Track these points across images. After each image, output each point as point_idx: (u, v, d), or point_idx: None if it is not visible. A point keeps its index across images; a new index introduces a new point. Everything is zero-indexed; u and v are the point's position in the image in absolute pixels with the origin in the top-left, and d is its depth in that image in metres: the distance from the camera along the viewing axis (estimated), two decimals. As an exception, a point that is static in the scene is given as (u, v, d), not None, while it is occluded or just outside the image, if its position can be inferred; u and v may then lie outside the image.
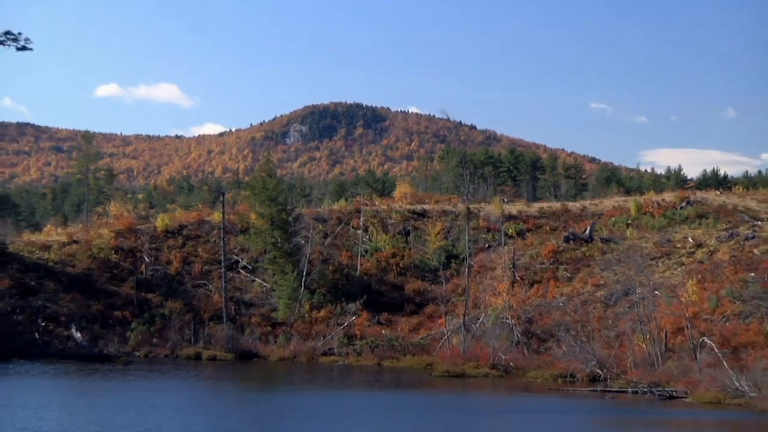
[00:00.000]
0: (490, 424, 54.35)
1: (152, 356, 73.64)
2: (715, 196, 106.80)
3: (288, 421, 52.45)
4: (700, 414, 55.24)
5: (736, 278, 73.04)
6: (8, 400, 54.75)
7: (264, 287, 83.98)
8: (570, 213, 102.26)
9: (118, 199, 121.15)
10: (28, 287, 79.13)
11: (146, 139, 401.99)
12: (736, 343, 64.09)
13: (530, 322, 75.41)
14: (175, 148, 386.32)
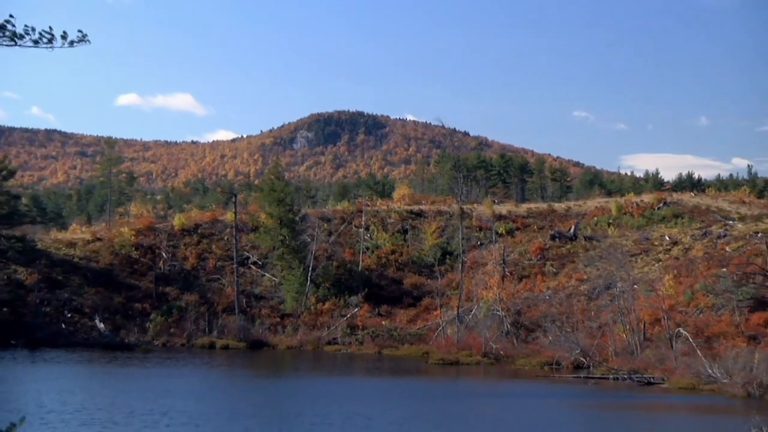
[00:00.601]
0: (482, 407, 54.42)
1: (169, 345, 73.69)
2: (689, 197, 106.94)
3: (294, 405, 52.52)
4: (676, 399, 55.33)
5: (709, 273, 73.13)
6: (36, 384, 54.81)
7: (273, 281, 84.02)
8: (556, 213, 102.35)
9: (138, 200, 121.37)
10: (55, 281, 79.20)
11: (164, 144, 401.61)
12: (709, 333, 64.20)
13: (519, 313, 75.46)
14: (190, 153, 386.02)
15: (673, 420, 50.93)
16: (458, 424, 48.27)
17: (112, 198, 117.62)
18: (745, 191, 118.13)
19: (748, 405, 51.30)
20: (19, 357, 65.52)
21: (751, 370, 56.03)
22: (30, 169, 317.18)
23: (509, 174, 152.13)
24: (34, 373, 60.75)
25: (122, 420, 44.61)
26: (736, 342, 61.66)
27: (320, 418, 47.37)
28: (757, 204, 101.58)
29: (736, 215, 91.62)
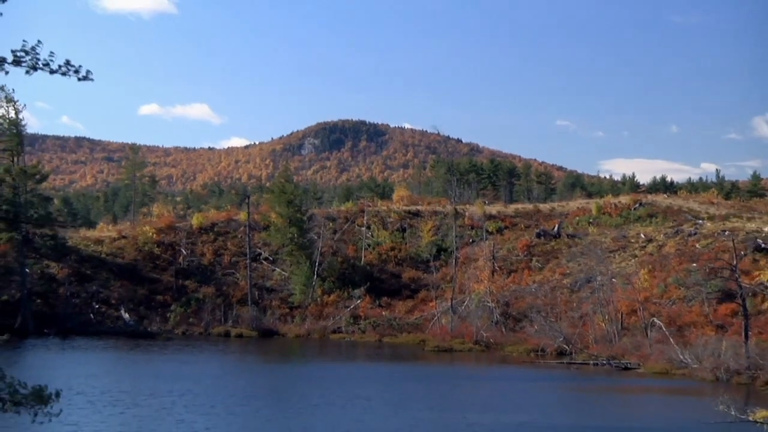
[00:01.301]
0: (473, 390, 54.45)
1: (188, 333, 73.73)
2: (663, 199, 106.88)
3: (301, 388, 52.56)
4: (651, 382, 55.41)
5: (680, 268, 73.15)
6: (65, 369, 54.85)
7: (283, 275, 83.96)
8: (541, 213, 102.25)
9: (159, 201, 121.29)
10: (84, 275, 79.26)
11: (183, 150, 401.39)
12: (681, 323, 64.28)
13: (507, 304, 75.45)
14: (207, 159, 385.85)
15: (648, 401, 50.97)
16: (451, 405, 48.28)
17: (136, 199, 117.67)
18: (713, 193, 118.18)
19: (717, 388, 51.29)
20: (50, 344, 65.61)
21: (719, 356, 56.09)
22: (61, 173, 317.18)
23: (498, 177, 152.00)
24: (65, 358, 60.83)
25: (143, 401, 44.75)
26: (706, 331, 61.76)
27: (324, 399, 47.50)
28: (724, 205, 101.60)
29: (706, 215, 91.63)
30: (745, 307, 60.24)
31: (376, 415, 43.33)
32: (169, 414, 41.44)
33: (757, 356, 55.13)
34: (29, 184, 76.39)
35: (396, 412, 44.49)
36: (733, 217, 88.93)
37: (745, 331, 58.71)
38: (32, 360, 57.90)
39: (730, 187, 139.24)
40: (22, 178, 75.09)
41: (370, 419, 41.98)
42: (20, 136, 79.41)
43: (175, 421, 39.88)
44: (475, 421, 43.30)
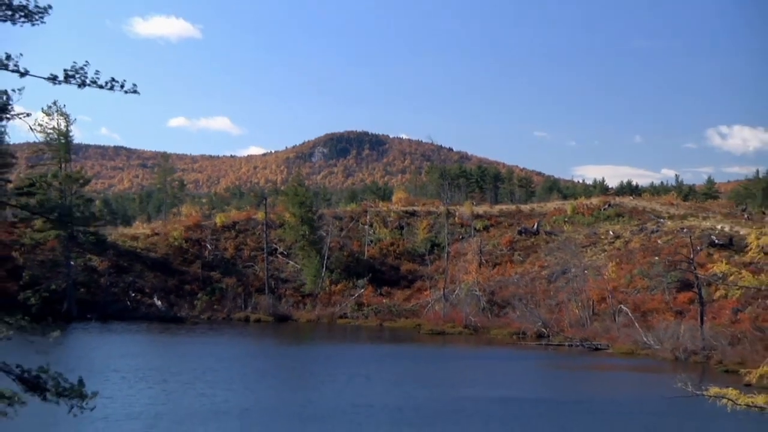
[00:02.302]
0: (462, 368, 54.51)
1: (213, 319, 73.70)
2: (629, 200, 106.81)
3: (310, 366, 52.60)
4: (618, 361, 55.49)
5: (644, 261, 73.20)
6: (103, 350, 54.94)
7: (296, 268, 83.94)
8: (522, 213, 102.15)
9: (187, 203, 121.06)
10: (122, 267, 79.29)
11: (208, 158, 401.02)
12: (645, 309, 64.32)
13: (493, 293, 75.43)
14: (229, 165, 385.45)
15: (616, 378, 51.06)
16: (442, 381, 48.33)
17: (167, 201, 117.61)
18: (673, 196, 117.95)
19: (676, 366, 51.42)
20: (92, 328, 65.75)
21: (677, 339, 56.21)
22: (102, 178, 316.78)
23: (485, 182, 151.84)
24: (104, 340, 60.94)
25: (171, 378, 44.89)
26: (666, 316, 61.82)
27: (329, 377, 47.58)
28: (682, 206, 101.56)
29: (666, 215, 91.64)
30: (700, 296, 60.32)
31: (375, 390, 43.44)
32: (192, 388, 41.64)
33: (711, 338, 55.25)
34: (74, 187, 76.60)
35: (393, 387, 44.59)
36: (690, 216, 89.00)
37: (701, 316, 58.81)
38: (76, 341, 57.99)
39: (688, 190, 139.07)
40: (67, 182, 75.34)
41: (370, 394, 42.09)
42: (68, 145, 79.93)
43: (197, 394, 40.08)
44: (463, 396, 43.37)
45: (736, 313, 60.37)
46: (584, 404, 42.85)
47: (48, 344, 15.90)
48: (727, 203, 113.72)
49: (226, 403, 38.18)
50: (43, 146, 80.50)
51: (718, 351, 53.76)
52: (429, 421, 36.09)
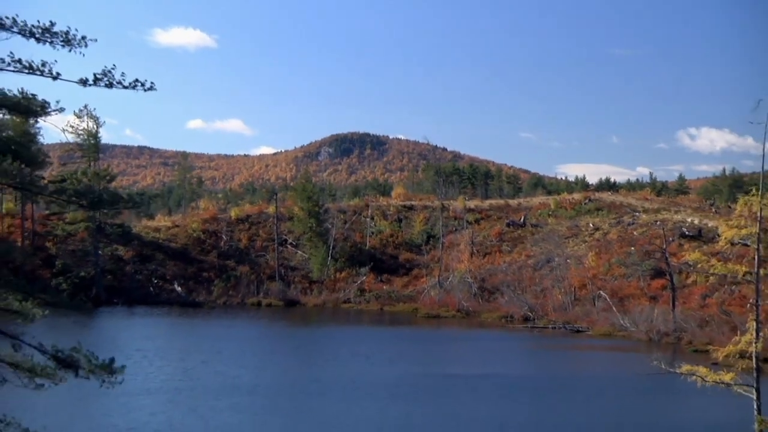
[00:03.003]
0: (455, 348, 54.61)
1: (228, 303, 73.69)
2: (607, 196, 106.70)
3: (315, 346, 52.65)
4: (597, 342, 55.52)
5: (621, 251, 73.18)
6: (128, 332, 55.03)
7: (304, 257, 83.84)
8: (510, 207, 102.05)
9: (205, 198, 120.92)
10: (145, 256, 79.28)
11: (223, 157, 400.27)
12: (622, 295, 64.33)
13: (483, 280, 75.38)
14: (243, 163, 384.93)
15: (595, 357, 51.13)
16: (436, 360, 48.43)
17: (186, 196, 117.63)
18: (647, 191, 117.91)
19: (650, 346, 51.52)
20: (118, 311, 65.88)
21: (651, 321, 56.29)
22: (127, 175, 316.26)
23: (476, 178, 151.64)
24: (129, 322, 61.06)
25: (188, 356, 45.03)
26: (641, 301, 61.88)
27: (332, 355, 47.71)
28: (656, 201, 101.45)
29: (641, 209, 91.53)
30: (672, 282, 60.39)
31: (374, 368, 43.50)
32: (208, 366, 41.78)
33: (682, 321, 55.34)
34: (102, 183, 76.42)
35: (391, 365, 44.66)
36: (663, 210, 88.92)
37: (673, 301, 58.90)
38: (103, 324, 58.11)
39: (661, 186, 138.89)
40: (96, 179, 75.22)
41: (369, 371, 42.17)
42: (96, 145, 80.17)
43: (212, 371, 40.21)
44: (455, 373, 43.45)
45: (704, 298, 60.48)
46: (566, 381, 42.89)
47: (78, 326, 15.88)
48: (696, 198, 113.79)
49: (238, 379, 38.28)
50: (74, 146, 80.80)
51: (688, 333, 53.88)
52: (423, 396, 36.24)
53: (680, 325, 55.07)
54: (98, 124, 79.24)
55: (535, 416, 33.68)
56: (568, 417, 33.50)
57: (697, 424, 28.57)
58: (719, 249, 45.12)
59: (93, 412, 30.24)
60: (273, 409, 33.00)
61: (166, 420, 29.81)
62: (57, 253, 74.65)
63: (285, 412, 32.63)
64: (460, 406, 34.48)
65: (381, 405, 34.06)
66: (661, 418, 33.11)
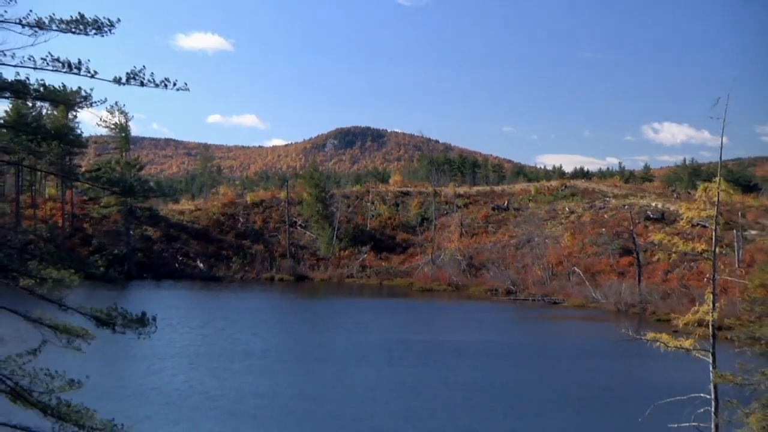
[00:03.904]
0: (445, 317, 54.72)
1: (244, 278, 73.75)
2: (581, 183, 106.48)
3: (321, 316, 52.82)
4: (572, 312, 55.67)
5: (594, 232, 73.22)
6: (156, 302, 55.11)
7: (312, 237, 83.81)
8: (495, 193, 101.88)
9: (224, 184, 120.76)
10: (171, 236, 79.27)
11: (240, 148, 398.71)
12: (594, 271, 64.48)
13: (471, 258, 75.44)
14: (257, 154, 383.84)
15: (570, 325, 51.27)
16: (428, 328, 48.54)
17: (207, 183, 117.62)
18: (616, 179, 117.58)
19: (618, 316, 51.62)
20: (147, 285, 65.92)
21: (619, 294, 56.48)
22: (154, 164, 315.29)
23: (465, 167, 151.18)
24: (156, 295, 61.11)
25: (207, 325, 45.26)
26: (611, 276, 62.03)
27: (337, 324, 47.85)
28: (624, 187, 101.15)
29: (611, 194, 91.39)
30: (638, 260, 60.51)
31: (373, 335, 43.65)
32: (224, 333, 42.03)
33: (646, 294, 55.58)
34: (132, 171, 76.47)
35: (388, 333, 44.80)
36: (631, 195, 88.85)
37: (639, 276, 59.05)
38: (134, 296, 58.20)
39: (628, 174, 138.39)
40: (126, 168, 75.21)
41: (368, 338, 42.32)
42: (127, 137, 79.96)
43: (228, 338, 40.44)
44: (444, 339, 43.59)
45: (666, 274, 60.72)
46: (544, 346, 43.05)
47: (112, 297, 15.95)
48: (660, 185, 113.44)
49: (251, 345, 38.49)
50: (107, 138, 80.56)
51: (652, 304, 54.11)
52: (415, 360, 36.44)
53: (645, 298, 55.27)
54: (127, 119, 79.03)
55: (516, 378, 33.83)
56: (546, 379, 33.64)
57: (660, 384, 28.71)
58: (680, 230, 45.34)
59: (122, 373, 30.42)
60: (282, 371, 33.18)
61: (186, 380, 30.02)
62: (93, 233, 74.72)
63: (292, 374, 32.87)
64: (448, 369, 34.64)
65: (377, 368, 34.26)
66: (628, 379, 33.28)
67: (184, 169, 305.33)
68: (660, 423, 15.27)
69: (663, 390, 20.85)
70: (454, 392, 29.99)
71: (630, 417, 23.51)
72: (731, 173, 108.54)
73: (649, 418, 17.49)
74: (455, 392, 30.02)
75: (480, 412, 27.22)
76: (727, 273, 45.04)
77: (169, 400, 27.00)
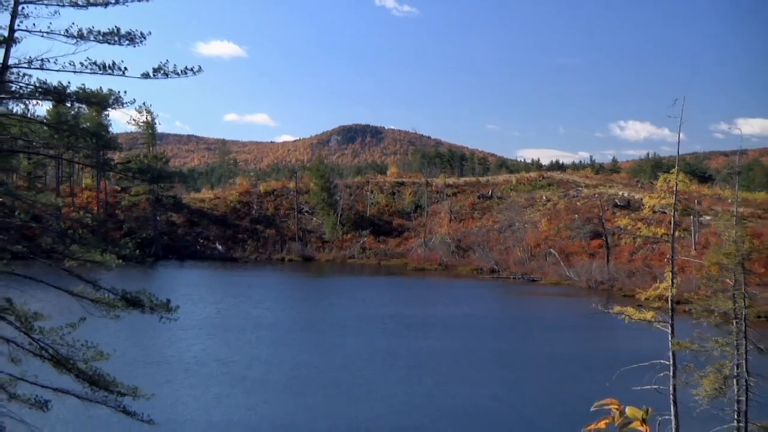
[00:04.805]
0: (436, 293, 54.89)
1: (258, 259, 73.80)
2: (557, 174, 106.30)
3: (326, 292, 52.95)
4: (548, 289, 55.80)
5: (568, 218, 73.26)
6: (179, 279, 55.25)
7: (318, 222, 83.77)
8: (480, 183, 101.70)
9: (240, 175, 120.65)
10: (193, 221, 79.21)
11: (254, 143, 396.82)
12: (568, 252, 64.55)
13: (459, 240, 75.48)
14: (269, 148, 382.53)
15: (547, 301, 51.43)
16: (420, 302, 48.71)
17: (225, 174, 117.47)
18: (587, 171, 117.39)
19: (589, 292, 51.82)
20: (171, 265, 65.98)
21: (590, 273, 56.62)
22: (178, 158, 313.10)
23: (454, 161, 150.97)
24: (179, 273, 61.20)
25: (224, 300, 45.42)
26: (583, 257, 62.13)
27: (340, 300, 48.06)
28: (594, 178, 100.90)
29: (583, 185, 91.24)
30: (606, 242, 60.66)
31: (371, 309, 43.80)
32: (239, 307, 42.24)
33: (614, 273, 55.75)
34: (159, 164, 76.36)
35: (383, 307, 44.94)
36: (600, 186, 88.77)
37: (607, 257, 59.22)
38: (160, 274, 58.24)
39: (598, 167, 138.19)
40: (154, 161, 75.10)
41: (366, 312, 42.49)
42: (153, 133, 79.85)
43: (241, 311, 40.73)
44: (434, 312, 43.79)
45: (631, 255, 60.84)
46: (523, 319, 43.24)
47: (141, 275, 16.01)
48: (626, 176, 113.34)
49: (261, 318, 38.76)
50: (136, 135, 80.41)
51: (619, 281, 54.27)
52: (406, 331, 36.66)
53: (613, 276, 55.43)
54: (154, 117, 78.83)
55: (497, 347, 34.02)
56: (524, 347, 33.85)
57: (625, 352, 28.89)
58: (643, 216, 45.29)
59: (147, 343, 30.66)
60: (288, 341, 33.58)
61: (203, 349, 30.42)
62: (124, 218, 74.65)
63: (297, 344, 33.21)
64: (436, 339, 34.85)
65: (373, 338, 34.51)
66: (597, 348, 33.48)
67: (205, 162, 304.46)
68: (625, 386, 15.39)
69: (628, 357, 20.99)
70: (440, 360, 30.17)
71: (599, 381, 23.71)
72: (688, 166, 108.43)
73: (615, 382, 17.62)
74: (442, 360, 30.20)
75: (464, 378, 27.42)
76: (685, 254, 45.33)
77: (187, 366, 27.28)
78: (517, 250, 67.96)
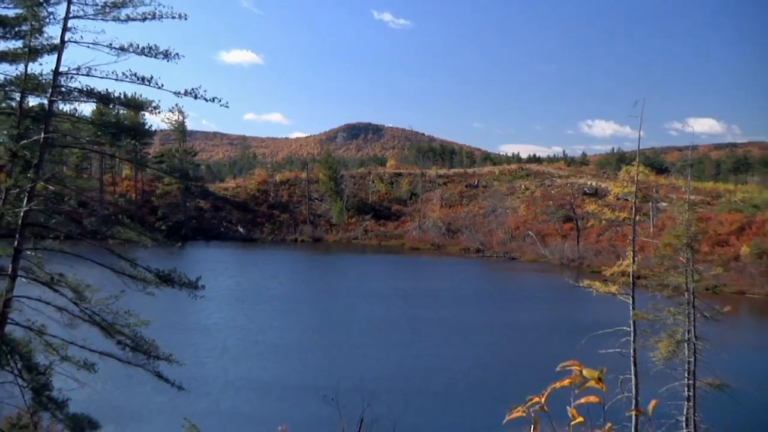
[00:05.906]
0: (428, 269, 55.05)
1: (274, 240, 73.91)
2: (534, 166, 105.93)
3: (332, 269, 53.08)
4: (526, 266, 55.93)
5: (544, 204, 73.24)
6: (204, 256, 55.37)
7: (326, 208, 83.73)
8: (468, 174, 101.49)
9: (258, 167, 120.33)
10: (218, 207, 79.24)
11: (271, 139, 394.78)
12: (544, 234, 64.64)
13: (449, 224, 75.50)
14: (284, 143, 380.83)
15: (525, 276, 51.56)
16: (414, 277, 48.85)
17: (245, 166, 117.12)
18: (561, 163, 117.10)
19: (562, 269, 51.93)
20: (199, 245, 66.08)
21: (563, 252, 56.74)
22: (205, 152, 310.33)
23: (445, 154, 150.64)
24: (206, 252, 61.30)
25: (244, 275, 45.55)
26: (556, 238, 62.21)
27: (345, 274, 48.32)
28: (567, 170, 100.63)
29: (557, 175, 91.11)
30: (577, 226, 60.69)
31: (371, 282, 43.98)
32: (257, 283, 42.37)
33: (583, 252, 55.83)
34: (188, 157, 76.43)
35: (381, 281, 45.10)
36: (572, 176, 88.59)
37: (577, 238, 59.27)
38: (188, 254, 58.37)
39: (570, 160, 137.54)
40: (183, 155, 75.09)
41: (367, 285, 42.66)
42: (184, 131, 79.79)
43: (257, 285, 40.89)
44: (426, 286, 43.95)
45: (598, 236, 60.89)
46: (504, 292, 43.38)
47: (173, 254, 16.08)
48: (594, 168, 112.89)
49: (275, 290, 39.00)
50: (169, 132, 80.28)
51: (587, 259, 54.38)
52: (400, 302, 36.91)
53: (582, 254, 55.53)
54: (184, 116, 78.67)
55: (481, 317, 34.18)
56: (504, 316, 34.00)
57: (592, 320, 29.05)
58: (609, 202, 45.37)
59: (170, 313, 30.84)
60: (297, 310, 33.97)
61: (222, 318, 30.72)
62: (158, 205, 74.71)
63: (305, 312, 33.59)
64: (427, 309, 35.02)
65: (370, 307, 34.74)
66: (568, 316, 33.63)
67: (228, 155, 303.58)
68: (592, 350, 15.54)
69: (595, 324, 21.13)
70: (431, 327, 30.35)
71: (569, 345, 23.85)
72: (647, 159, 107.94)
73: (584, 346, 17.74)
74: (432, 327, 30.38)
75: (451, 342, 27.60)
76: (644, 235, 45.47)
77: (207, 332, 27.62)
78: (500, 232, 68.04)
